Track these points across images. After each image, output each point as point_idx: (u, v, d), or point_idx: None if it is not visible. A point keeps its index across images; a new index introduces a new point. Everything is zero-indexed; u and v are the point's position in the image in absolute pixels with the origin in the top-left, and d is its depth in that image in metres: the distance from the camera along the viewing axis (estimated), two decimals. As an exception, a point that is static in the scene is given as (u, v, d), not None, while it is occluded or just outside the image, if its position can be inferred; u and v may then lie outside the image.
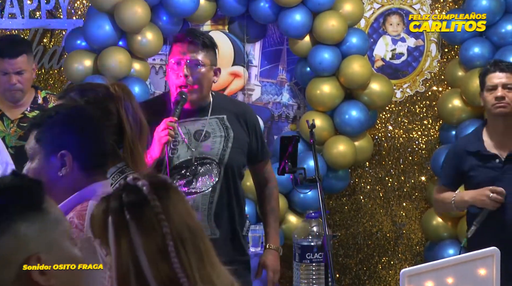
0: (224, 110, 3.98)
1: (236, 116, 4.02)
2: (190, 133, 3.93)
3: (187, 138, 3.92)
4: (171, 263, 1.88)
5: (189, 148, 3.91)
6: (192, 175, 3.90)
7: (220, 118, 3.98)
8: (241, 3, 5.48)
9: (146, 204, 1.92)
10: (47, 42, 5.83)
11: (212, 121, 3.97)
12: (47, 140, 2.55)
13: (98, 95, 2.94)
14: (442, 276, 2.98)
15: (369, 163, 5.92)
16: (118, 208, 1.92)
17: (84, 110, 2.67)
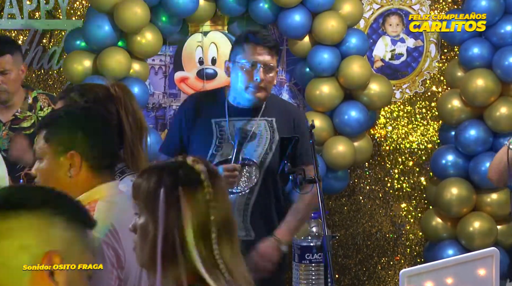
0: (274, 113, 3.97)
1: (286, 120, 4.01)
2: (237, 131, 3.94)
3: (233, 137, 3.92)
4: (212, 249, 2.01)
5: (233, 147, 3.91)
6: None
7: (269, 121, 3.97)
8: (241, 3, 5.48)
9: (200, 188, 2.05)
10: (46, 42, 5.83)
11: (260, 123, 3.96)
12: (56, 140, 2.56)
13: (98, 96, 2.94)
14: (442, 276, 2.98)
15: (369, 164, 5.92)
16: (172, 183, 2.04)
17: (93, 110, 2.68)
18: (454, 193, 5.44)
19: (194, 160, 2.09)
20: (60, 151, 2.55)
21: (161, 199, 2.02)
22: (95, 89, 3.00)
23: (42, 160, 2.59)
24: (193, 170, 2.07)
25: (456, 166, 5.51)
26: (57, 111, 2.67)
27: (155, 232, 2.02)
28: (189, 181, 2.05)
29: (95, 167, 2.57)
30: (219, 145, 3.91)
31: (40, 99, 4.73)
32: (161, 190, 2.03)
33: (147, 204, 2.06)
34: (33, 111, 4.68)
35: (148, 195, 2.06)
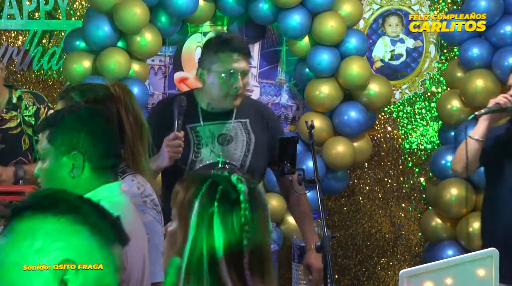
0: (247, 114, 3.98)
1: (258, 120, 4.03)
2: (214, 136, 3.94)
3: (210, 141, 3.92)
4: (243, 274, 1.94)
5: (212, 151, 3.92)
6: None
7: (243, 122, 3.99)
8: (240, 4, 5.48)
9: (237, 209, 1.97)
10: (46, 43, 5.83)
11: (235, 125, 3.97)
12: (59, 141, 2.55)
13: (98, 95, 2.94)
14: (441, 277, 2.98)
15: (368, 164, 5.93)
16: (209, 197, 1.98)
17: (97, 110, 2.67)
18: (453, 193, 5.44)
19: (239, 178, 2.02)
20: (63, 151, 2.55)
21: (195, 210, 1.97)
22: (95, 89, 3.00)
23: (45, 160, 2.59)
24: (234, 188, 1.99)
25: (455, 167, 5.51)
26: (60, 112, 2.67)
27: (183, 242, 1.97)
28: (227, 199, 1.98)
29: (98, 167, 2.57)
30: (197, 151, 3.91)
31: (25, 98, 4.69)
32: (196, 202, 1.98)
33: (180, 213, 2.01)
34: (18, 110, 4.65)
35: (183, 204, 2.01)
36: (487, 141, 4.34)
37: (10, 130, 4.64)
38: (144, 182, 2.92)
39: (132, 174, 2.91)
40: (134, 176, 2.91)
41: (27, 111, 4.65)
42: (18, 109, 4.65)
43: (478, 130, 4.32)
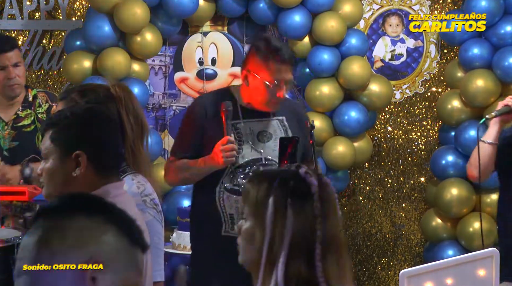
0: (283, 111, 4.01)
1: (294, 117, 4.06)
2: (253, 133, 3.97)
3: (250, 138, 3.95)
4: (314, 266, 1.98)
5: (253, 148, 3.94)
6: None
7: (280, 120, 4.03)
8: (241, 4, 5.48)
9: (309, 202, 2.03)
10: (46, 43, 5.83)
11: (274, 123, 4.00)
12: (62, 140, 2.55)
13: (99, 96, 2.94)
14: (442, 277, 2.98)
15: (369, 164, 5.93)
16: (282, 193, 2.03)
17: (100, 110, 2.67)
18: (454, 193, 5.44)
19: (307, 172, 2.07)
20: (65, 151, 2.55)
21: (270, 208, 2.02)
22: (96, 90, 3.00)
23: (47, 160, 2.59)
24: (304, 182, 2.05)
25: (456, 167, 5.51)
26: (63, 111, 2.67)
27: (262, 239, 2.03)
28: (299, 193, 2.04)
29: (101, 167, 2.57)
30: (239, 147, 3.94)
31: (39, 96, 4.74)
32: (270, 200, 2.03)
33: (255, 211, 2.06)
34: (32, 108, 4.70)
35: (257, 202, 2.06)
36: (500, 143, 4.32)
37: (24, 127, 4.69)
38: (145, 182, 2.93)
39: (132, 174, 2.91)
40: (135, 175, 2.91)
41: (40, 108, 4.70)
42: (33, 107, 4.69)
43: (490, 133, 4.30)
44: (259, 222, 2.04)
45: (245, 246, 2.10)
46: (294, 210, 2.01)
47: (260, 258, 2.02)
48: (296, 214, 2.01)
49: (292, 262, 1.98)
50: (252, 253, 2.06)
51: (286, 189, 2.04)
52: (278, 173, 2.11)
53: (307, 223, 2.01)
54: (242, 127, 3.95)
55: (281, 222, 2.01)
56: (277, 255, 1.99)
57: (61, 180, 2.56)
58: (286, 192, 2.03)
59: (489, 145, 4.26)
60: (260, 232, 2.03)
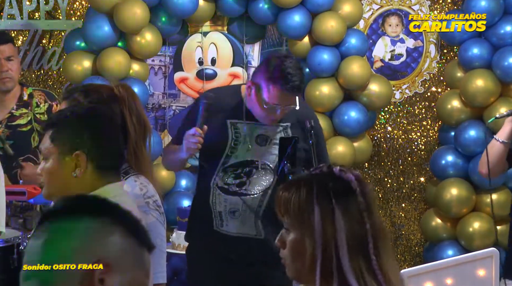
0: (290, 118, 3.93)
1: (300, 124, 3.97)
2: (252, 135, 3.93)
3: (248, 139, 3.93)
4: (370, 259, 1.98)
5: (248, 150, 3.92)
6: (246, 176, 3.92)
7: (284, 126, 3.96)
8: (240, 4, 5.48)
9: (352, 198, 2.02)
10: (46, 43, 5.83)
11: (276, 128, 3.96)
12: (62, 140, 2.55)
13: (102, 96, 2.94)
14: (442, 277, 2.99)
15: (368, 164, 5.93)
16: (325, 197, 2.01)
17: (100, 110, 2.67)
18: (453, 193, 5.44)
19: (341, 169, 2.06)
20: (66, 151, 2.55)
21: (316, 214, 1.99)
22: (99, 90, 3.00)
23: (48, 160, 2.59)
24: (342, 180, 2.04)
25: (455, 167, 5.51)
26: (63, 111, 2.67)
27: (313, 246, 1.99)
28: (341, 192, 2.02)
29: (100, 167, 2.56)
30: (234, 146, 3.92)
31: (36, 95, 4.71)
32: (315, 205, 2.00)
33: (300, 220, 2.02)
34: (29, 108, 4.67)
35: (300, 210, 2.02)
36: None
37: (19, 127, 4.66)
38: (147, 183, 2.92)
39: (135, 175, 2.91)
40: (137, 176, 2.91)
41: (38, 108, 4.67)
42: (29, 107, 4.67)
43: (504, 132, 4.30)
44: (306, 230, 2.01)
45: (293, 258, 2.04)
46: (341, 210, 2.00)
47: (313, 265, 1.99)
48: (343, 213, 2.00)
49: (351, 261, 1.98)
50: (302, 263, 2.02)
51: (328, 191, 2.02)
52: (313, 176, 2.07)
53: (355, 219, 2.00)
54: (242, 128, 3.94)
55: (331, 225, 1.99)
56: (331, 260, 1.97)
57: (61, 180, 2.56)
58: (329, 194, 2.01)
59: (501, 144, 4.26)
60: (310, 239, 2.00)
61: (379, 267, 1.98)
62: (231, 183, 3.91)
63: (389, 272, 2.00)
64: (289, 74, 3.76)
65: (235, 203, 3.91)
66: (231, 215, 3.93)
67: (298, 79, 3.79)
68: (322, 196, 2.01)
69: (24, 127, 4.67)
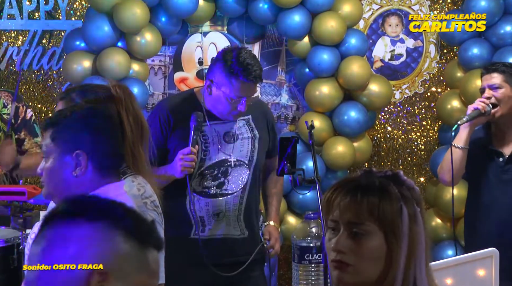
0: (248, 111, 3.99)
1: (259, 116, 4.08)
2: (219, 135, 3.96)
3: (216, 140, 3.94)
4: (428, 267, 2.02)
5: (219, 149, 3.93)
6: (223, 176, 3.94)
7: (246, 119, 4.03)
8: (240, 4, 5.48)
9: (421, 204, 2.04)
10: (46, 43, 5.83)
11: (239, 123, 3.99)
12: (63, 139, 2.55)
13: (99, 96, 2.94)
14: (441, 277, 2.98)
15: (368, 164, 5.92)
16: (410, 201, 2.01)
17: (101, 110, 2.67)
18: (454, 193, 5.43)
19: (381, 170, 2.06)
20: (66, 150, 2.55)
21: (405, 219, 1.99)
22: (96, 90, 3.00)
23: (48, 159, 2.59)
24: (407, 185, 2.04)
25: (455, 167, 5.51)
26: (63, 111, 2.67)
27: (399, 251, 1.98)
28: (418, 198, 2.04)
29: (101, 167, 2.57)
30: (206, 149, 3.93)
31: (2, 96, 4.68)
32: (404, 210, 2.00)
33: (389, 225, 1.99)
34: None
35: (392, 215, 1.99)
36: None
37: None
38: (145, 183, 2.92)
39: (132, 175, 2.90)
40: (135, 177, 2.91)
41: (5, 109, 4.65)
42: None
43: (461, 138, 4.34)
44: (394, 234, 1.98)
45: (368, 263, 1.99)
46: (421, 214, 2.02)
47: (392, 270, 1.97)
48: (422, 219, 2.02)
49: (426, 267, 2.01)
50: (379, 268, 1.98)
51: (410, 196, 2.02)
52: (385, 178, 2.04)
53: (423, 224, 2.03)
54: (208, 130, 3.95)
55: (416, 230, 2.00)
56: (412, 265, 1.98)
57: (61, 180, 2.56)
58: (411, 199, 2.02)
59: (460, 150, 4.30)
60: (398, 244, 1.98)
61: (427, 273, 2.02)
62: (210, 186, 3.93)
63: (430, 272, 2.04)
64: (249, 65, 3.82)
65: (218, 205, 3.93)
66: (215, 217, 3.94)
67: (258, 67, 3.86)
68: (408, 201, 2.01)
69: None
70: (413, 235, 1.99)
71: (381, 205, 1.98)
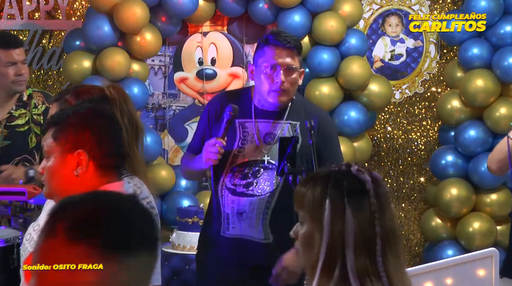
0: (299, 116, 3.90)
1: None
2: (261, 134, 3.90)
3: (257, 138, 3.89)
4: (375, 261, 2.00)
5: (257, 148, 3.89)
6: (253, 176, 3.87)
7: (293, 125, 3.92)
8: (240, 4, 5.48)
9: (365, 199, 2.03)
10: (46, 43, 5.83)
11: (284, 126, 3.92)
12: (64, 139, 2.56)
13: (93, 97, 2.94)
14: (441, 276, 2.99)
15: (368, 164, 5.92)
16: (338, 194, 2.03)
17: (103, 110, 2.68)
18: (453, 193, 5.44)
19: (359, 169, 2.08)
20: (67, 149, 2.55)
21: (327, 210, 2.02)
22: (90, 91, 3.00)
23: (49, 158, 2.59)
24: (358, 180, 2.05)
25: (455, 167, 5.51)
26: (65, 110, 2.68)
27: (321, 242, 2.03)
28: (354, 192, 2.04)
29: (102, 166, 2.57)
30: (242, 146, 3.88)
31: (35, 96, 4.71)
32: (327, 202, 2.03)
33: (313, 214, 2.06)
34: (27, 108, 4.67)
35: (313, 205, 2.06)
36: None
37: (17, 127, 4.66)
38: (141, 184, 2.92)
39: (128, 176, 2.90)
40: (131, 178, 2.90)
41: (36, 109, 4.67)
42: (28, 107, 4.67)
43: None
44: (317, 225, 2.04)
45: (304, 250, 2.09)
46: (352, 209, 2.02)
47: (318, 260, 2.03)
48: (354, 212, 2.01)
49: (356, 260, 2.00)
50: (311, 256, 2.06)
51: (342, 189, 2.04)
52: (330, 173, 2.10)
53: (365, 220, 2.02)
54: (250, 126, 3.91)
55: (340, 223, 2.01)
56: (337, 256, 2.00)
57: (62, 179, 2.57)
58: (342, 192, 2.04)
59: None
60: (319, 234, 2.03)
61: (384, 269, 2.00)
62: (238, 184, 3.87)
63: (396, 275, 2.02)
64: (281, 32, 3.85)
65: (242, 204, 3.87)
66: (239, 216, 3.88)
67: (291, 37, 3.83)
68: (335, 193, 2.03)
69: (21, 128, 4.66)
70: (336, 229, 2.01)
71: (307, 195, 2.07)
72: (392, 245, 2.04)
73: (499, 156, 4.19)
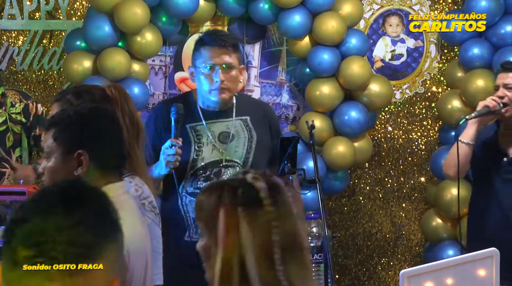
0: (247, 112, 3.95)
1: (260, 118, 3.99)
2: (214, 134, 3.91)
3: (211, 139, 3.89)
4: (276, 270, 1.91)
5: (214, 149, 3.89)
6: (216, 177, 3.87)
7: (244, 120, 3.95)
8: (241, 4, 5.48)
9: (260, 207, 1.94)
10: (46, 43, 5.83)
11: (236, 123, 3.94)
12: (65, 139, 2.56)
13: (94, 97, 2.94)
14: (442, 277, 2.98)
15: (369, 164, 5.93)
16: (231, 203, 1.94)
17: (104, 110, 2.68)
18: (454, 193, 5.43)
19: (254, 177, 1.98)
20: (68, 150, 2.55)
21: (221, 221, 1.93)
22: (91, 91, 3.01)
23: (50, 159, 2.59)
24: (252, 188, 1.96)
25: (456, 167, 5.51)
26: (66, 110, 2.68)
27: (216, 255, 1.94)
28: (248, 200, 1.94)
29: (102, 167, 2.57)
30: (199, 149, 3.89)
31: (9, 95, 4.67)
32: (221, 211, 1.94)
33: (208, 226, 1.97)
34: (3, 108, 4.64)
35: (208, 216, 1.97)
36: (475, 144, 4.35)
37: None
38: (142, 184, 2.92)
39: (129, 176, 2.90)
40: (132, 178, 2.91)
41: (13, 108, 4.64)
42: (3, 107, 4.64)
43: (468, 133, 4.34)
44: (212, 236, 1.95)
45: (206, 264, 2.00)
46: (247, 219, 1.92)
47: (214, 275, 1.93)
48: (249, 222, 1.92)
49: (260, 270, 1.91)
50: (211, 270, 1.96)
51: (235, 198, 1.94)
52: (227, 182, 2.00)
53: (262, 229, 1.92)
54: (202, 129, 3.91)
55: (235, 234, 1.92)
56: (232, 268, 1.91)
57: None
58: (236, 201, 1.94)
59: (466, 145, 4.30)
60: (215, 247, 1.94)
61: (287, 278, 1.91)
62: (202, 187, 3.86)
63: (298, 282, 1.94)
64: (216, 31, 3.92)
65: None
66: None
67: (227, 36, 3.86)
68: (228, 204, 1.94)
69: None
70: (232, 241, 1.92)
71: (203, 206, 1.99)
72: (296, 252, 1.95)
73: (455, 161, 4.23)
